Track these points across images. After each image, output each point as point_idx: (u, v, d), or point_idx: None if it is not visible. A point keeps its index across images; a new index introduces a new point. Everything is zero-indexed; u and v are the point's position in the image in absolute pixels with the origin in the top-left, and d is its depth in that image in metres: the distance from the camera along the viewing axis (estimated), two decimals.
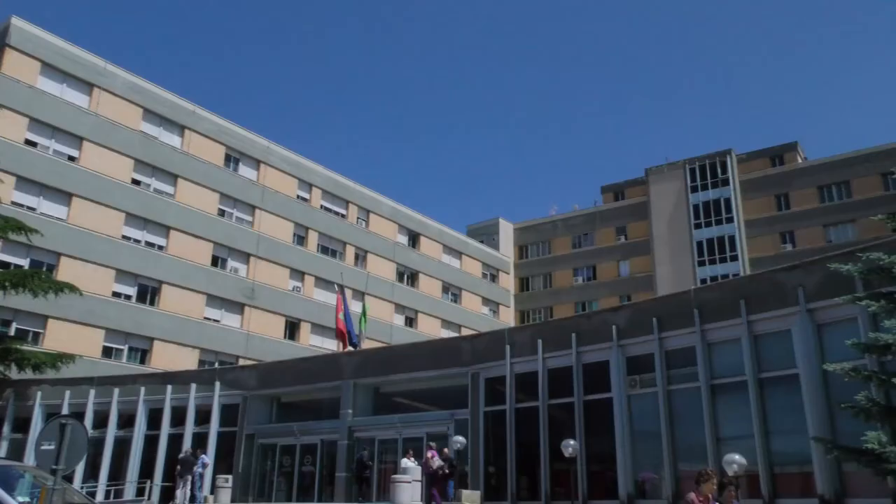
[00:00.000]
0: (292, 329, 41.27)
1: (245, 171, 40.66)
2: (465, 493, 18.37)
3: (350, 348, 29.97)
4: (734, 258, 50.95)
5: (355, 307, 36.95)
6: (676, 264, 52.87)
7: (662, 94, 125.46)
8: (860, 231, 45.05)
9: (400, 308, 48.15)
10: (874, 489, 13.48)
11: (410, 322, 48.77)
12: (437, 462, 17.91)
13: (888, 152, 45.79)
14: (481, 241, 59.48)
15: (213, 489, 23.56)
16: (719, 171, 53.65)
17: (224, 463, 25.28)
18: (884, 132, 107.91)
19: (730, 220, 52.11)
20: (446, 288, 52.81)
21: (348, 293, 37.02)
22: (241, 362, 35.99)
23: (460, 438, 19.94)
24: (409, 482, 18.69)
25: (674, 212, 54.62)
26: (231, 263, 38.86)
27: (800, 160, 53.43)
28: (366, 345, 31.74)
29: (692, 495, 7.48)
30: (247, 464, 25.36)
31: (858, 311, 13.87)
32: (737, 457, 14.25)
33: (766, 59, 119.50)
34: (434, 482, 17.82)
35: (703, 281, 49.15)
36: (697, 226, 53.30)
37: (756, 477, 15.38)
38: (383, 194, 49.24)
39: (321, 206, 44.58)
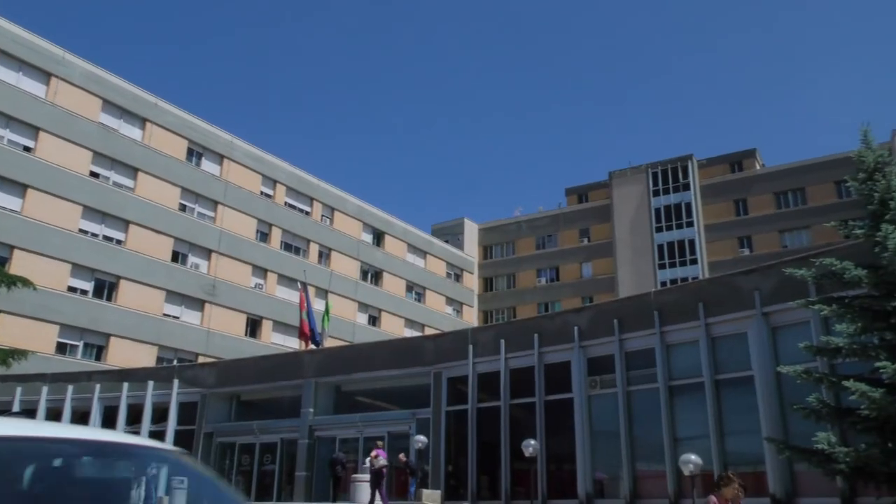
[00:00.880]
0: (254, 326, 40.78)
1: (208, 165, 40.03)
2: (426, 492, 18.39)
3: (312, 346, 29.75)
4: (694, 261, 51.91)
5: (318, 305, 36.70)
6: (638, 266, 53.65)
7: (626, 98, 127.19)
8: (814, 237, 46.29)
9: (363, 307, 47.93)
10: (823, 489, 13.87)
11: (374, 321, 48.60)
12: (381, 461, 17.94)
13: (842, 161, 47.09)
14: (446, 241, 59.54)
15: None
16: (680, 175, 54.60)
17: None
18: (838, 141, 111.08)
19: (690, 224, 53.08)
20: (410, 287, 52.75)
21: (311, 291, 36.69)
22: (201, 360, 35.45)
23: (422, 438, 19.97)
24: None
25: (636, 215, 55.41)
26: (192, 259, 38.23)
27: (758, 167, 54.68)
28: (328, 343, 31.51)
29: (713, 498, 7.17)
30: (205, 463, 24.95)
31: (811, 314, 14.24)
32: (693, 457, 14.53)
33: (727, 68, 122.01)
34: (378, 481, 17.86)
35: (664, 283, 49.97)
36: (659, 229, 54.15)
37: (711, 476, 15.66)
38: (348, 192, 49.00)
39: (285, 203, 44.12)
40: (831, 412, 12.12)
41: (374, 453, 18.32)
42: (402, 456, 19.89)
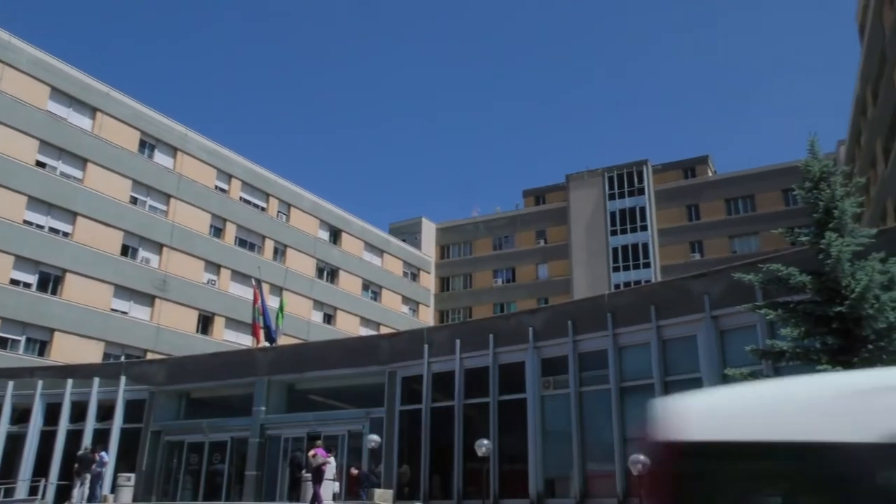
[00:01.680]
0: (205, 323, 40.01)
1: (160, 158, 39.11)
2: (378, 492, 18.31)
3: (266, 344, 29.36)
4: (647, 265, 52.85)
5: (273, 302, 36.21)
6: (592, 269, 54.37)
7: (585, 102, 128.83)
8: (762, 243, 47.59)
9: (318, 304, 47.48)
10: None
11: (329, 319, 48.19)
12: (319, 459, 17.85)
13: (790, 170, 48.46)
14: (403, 240, 59.39)
15: (114, 488, 22.60)
16: (636, 180, 55.54)
17: (127, 461, 24.27)
18: (786, 151, 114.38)
19: (644, 228, 54.02)
20: (366, 285, 52.46)
21: (266, 288, 36.21)
22: (150, 356, 34.64)
23: (375, 437, 19.87)
24: (329, 479, 18.49)
25: (592, 218, 56.15)
26: (142, 253, 37.31)
27: (710, 173, 55.96)
28: (282, 341, 31.10)
29: None
30: (151, 462, 24.43)
31: (758, 318, 14.60)
32: (642, 457, 14.76)
33: (683, 77, 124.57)
34: (315, 480, 17.77)
35: (617, 286, 50.75)
36: (614, 232, 54.98)
37: None
38: (305, 188, 48.47)
39: (240, 198, 43.41)
40: None
41: (312, 452, 18.17)
42: (353, 470, 19.77)
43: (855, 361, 11.39)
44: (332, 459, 20.03)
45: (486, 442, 17.59)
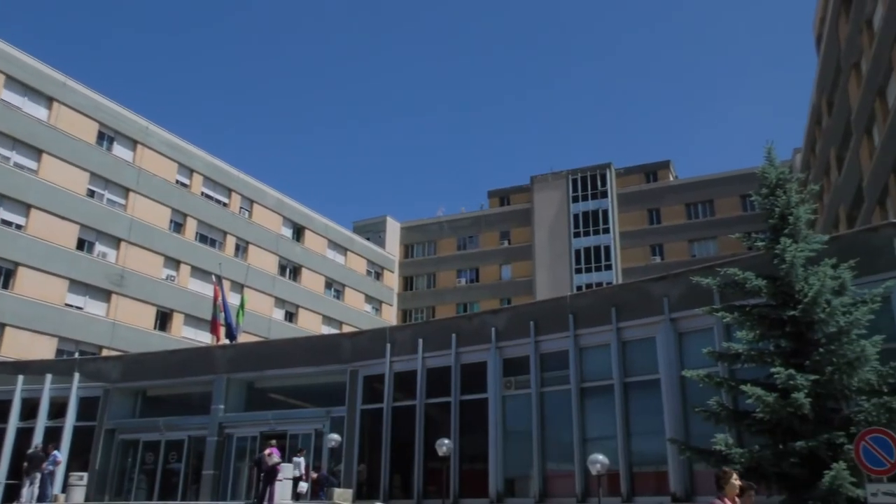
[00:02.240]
0: (164, 319, 39.28)
1: (120, 150, 38.24)
2: (337, 491, 18.19)
3: (226, 341, 28.97)
4: (608, 267, 53.51)
5: (234, 300, 35.72)
6: (555, 270, 54.84)
7: (551, 105, 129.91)
8: (720, 247, 48.58)
9: (280, 302, 46.99)
10: None
11: (291, 317, 47.73)
12: (274, 459, 17.72)
13: (747, 176, 49.58)
14: (367, 239, 59.12)
15: (65, 487, 22.06)
16: (599, 183, 56.18)
17: (79, 459, 23.72)
18: (745, 157, 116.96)
19: (606, 230, 54.69)
20: (329, 284, 52.09)
21: (226, 285, 35.63)
22: (105, 353, 33.87)
23: (335, 436, 19.75)
24: (280, 480, 18.33)
25: (555, 220, 56.63)
26: (99, 248, 36.45)
27: (671, 178, 56.90)
28: (242, 339, 30.70)
29: (718, 503, 6.58)
30: (105, 460, 23.90)
31: (715, 321, 14.88)
32: (600, 457, 14.96)
33: (648, 83, 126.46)
34: (269, 480, 17.64)
35: (579, 288, 51.30)
36: (577, 234, 55.54)
37: (616, 476, 16.20)
38: (269, 185, 47.93)
39: (202, 193, 42.70)
40: (729, 415, 12.70)
41: (267, 451, 18.01)
42: (313, 474, 19.63)
43: (806, 364, 11.69)
44: (301, 459, 19.85)
45: (447, 441, 17.60)
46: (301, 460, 19.81)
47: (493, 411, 18.40)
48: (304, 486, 19.23)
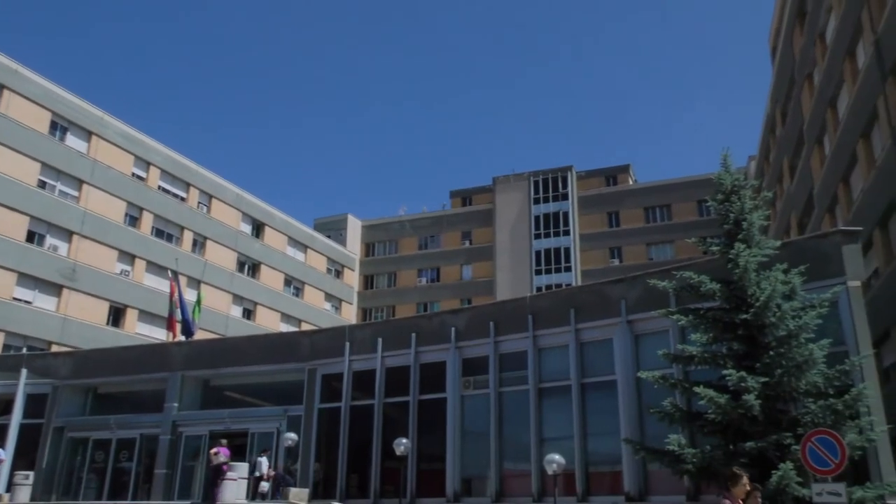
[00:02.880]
0: (117, 315, 38.36)
1: (73, 141, 37.21)
2: (293, 491, 18.00)
3: (181, 338, 28.45)
4: (568, 269, 54.06)
5: (190, 296, 35.09)
6: (516, 271, 55.20)
7: (514, 107, 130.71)
8: (677, 251, 49.50)
9: (238, 299, 46.31)
10: (672, 487, 14.80)
11: (249, 314, 47.08)
12: (220, 458, 17.50)
13: (704, 182, 50.55)
14: (328, 236, 58.66)
15: (10, 487, 21.41)
16: (560, 185, 56.73)
17: (26, 458, 23.06)
18: (702, 164, 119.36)
19: (566, 232, 55.24)
20: (289, 281, 51.54)
21: (183, 280, 34.98)
22: (55, 349, 32.94)
23: (292, 435, 19.55)
24: (235, 479, 18.08)
25: (517, 221, 56.98)
26: (50, 240, 35.42)
27: (631, 182, 57.76)
28: (198, 336, 30.16)
29: (725, 502, 6.65)
30: (52, 459, 23.27)
31: (670, 324, 15.15)
32: (556, 457, 15.10)
33: (611, 88, 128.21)
34: (214, 479, 17.42)
35: (539, 289, 51.73)
36: (537, 236, 55.99)
37: (572, 476, 16.37)
38: (228, 180, 47.17)
39: (159, 187, 41.81)
40: (683, 416, 12.95)
41: (214, 450, 17.75)
42: (270, 471, 19.40)
43: (757, 367, 11.99)
44: (263, 458, 19.54)
45: (404, 441, 17.58)
46: (264, 460, 19.54)
47: (452, 411, 18.44)
48: (265, 486, 19.00)
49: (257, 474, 19.27)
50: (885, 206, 20.89)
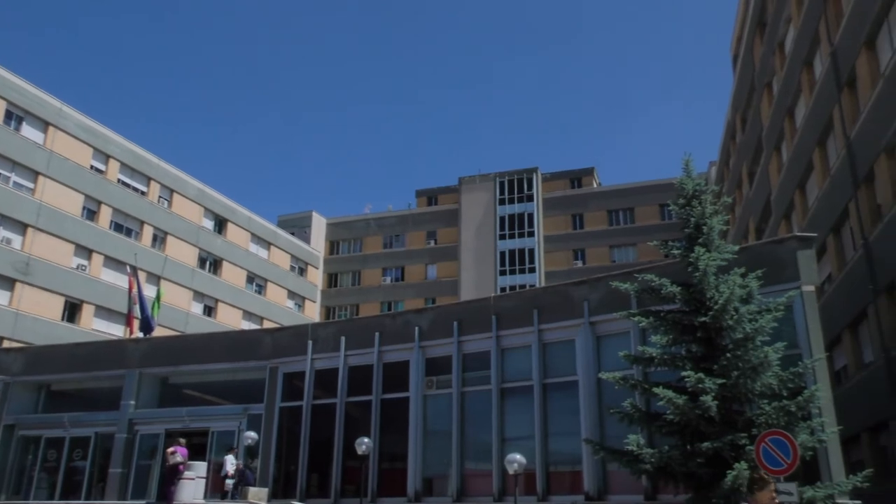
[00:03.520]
0: (72, 310, 37.43)
1: (29, 131, 36.17)
2: (252, 490, 17.78)
3: (139, 335, 27.91)
4: (532, 270, 54.44)
5: (150, 292, 34.39)
6: (480, 271, 55.38)
7: (480, 108, 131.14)
8: (640, 254, 50.22)
9: (199, 296, 45.56)
10: (631, 487, 15.02)
11: (209, 311, 46.37)
12: (177, 458, 17.25)
13: (666, 186, 51.43)
14: (292, 233, 58.10)
15: None
16: (525, 187, 57.10)
17: None
18: (665, 168, 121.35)
19: (531, 233, 55.62)
20: (251, 278, 50.89)
21: (142, 276, 34.29)
22: (7, 344, 31.99)
23: (252, 434, 19.31)
24: (194, 479, 17.78)
25: (482, 221, 57.18)
26: (3, 233, 34.37)
27: (595, 185, 58.41)
28: (157, 333, 29.60)
29: None
30: (2, 458, 22.66)
31: (631, 325, 15.35)
32: (518, 456, 15.18)
33: (576, 92, 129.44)
34: (170, 479, 17.17)
35: (503, 289, 52.00)
36: (502, 237, 56.26)
37: (533, 475, 16.48)
38: (190, 174, 46.35)
39: (118, 180, 40.89)
40: (642, 416, 13.14)
41: (171, 449, 17.46)
42: (239, 464, 19.12)
43: (715, 368, 12.22)
44: (230, 457, 19.20)
45: (366, 440, 17.50)
46: (230, 458, 19.23)
47: (414, 410, 18.42)
48: (229, 484, 18.73)
49: (223, 473, 18.97)
50: (839, 213, 21.50)
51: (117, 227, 40.48)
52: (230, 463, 18.96)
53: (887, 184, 17.81)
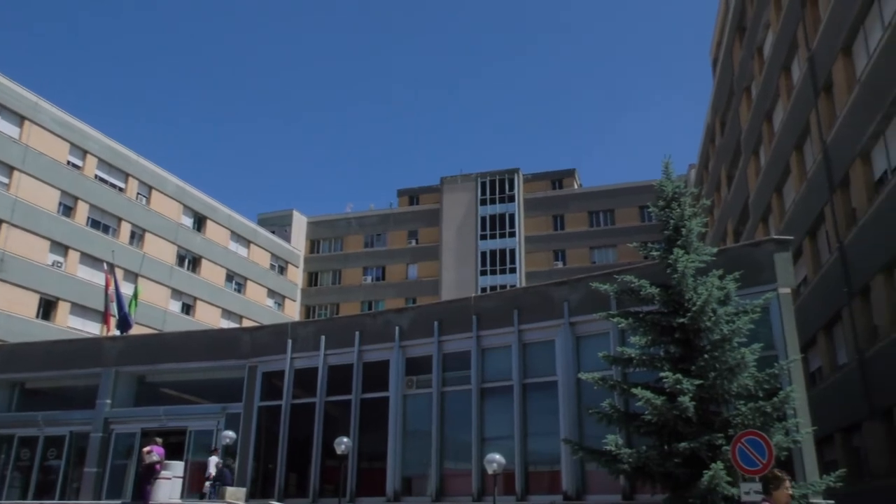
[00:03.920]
0: (48, 308, 36.90)
1: (4, 126, 35.57)
2: (230, 490, 17.63)
3: (116, 332, 27.61)
4: (513, 270, 54.60)
5: (127, 289, 33.99)
6: (461, 272, 55.43)
7: (463, 108, 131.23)
8: (619, 255, 50.57)
9: (177, 294, 45.13)
10: (609, 486, 15.10)
11: (188, 309, 45.93)
12: (153, 457, 17.10)
13: (646, 188, 51.80)
14: (272, 232, 57.74)
15: None
16: (507, 187, 57.25)
17: None
18: (645, 170, 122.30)
19: (512, 234, 55.78)
20: (230, 276, 50.50)
21: (119, 273, 33.88)
22: None
23: (230, 433, 19.17)
24: (170, 478, 17.60)
25: (463, 221, 57.23)
26: None
27: (576, 186, 58.71)
28: (134, 330, 29.27)
29: None
30: None
31: (611, 326, 15.44)
32: (497, 456, 15.21)
33: (559, 94, 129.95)
34: (146, 478, 17.01)
35: (484, 289, 52.09)
36: (483, 237, 56.35)
37: (512, 475, 16.52)
38: (169, 171, 45.87)
39: (95, 176, 40.38)
40: (621, 416, 13.22)
41: (147, 449, 17.29)
42: (211, 469, 18.95)
43: (692, 369, 12.33)
44: (213, 458, 19.00)
45: (345, 440, 17.44)
46: (213, 459, 19.02)
47: (394, 410, 18.39)
48: (208, 486, 18.54)
49: (207, 474, 18.77)
50: (815, 216, 21.81)
51: (94, 224, 39.98)
52: (213, 464, 18.78)
53: (862, 188, 18.11)
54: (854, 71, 18.58)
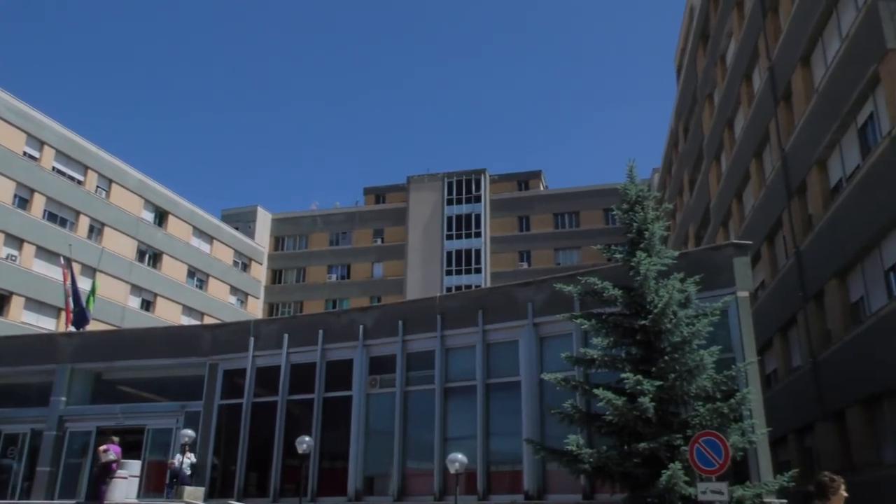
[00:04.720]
0: (1, 302, 35.86)
1: None
2: (188, 489, 17.37)
3: (72, 328, 26.97)
4: (478, 270, 54.79)
5: (84, 284, 33.23)
6: (427, 271, 55.42)
7: (430, 108, 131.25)
8: (583, 257, 51.09)
9: (137, 289, 44.25)
10: (569, 486, 15.25)
11: (147, 306, 45.09)
12: (110, 456, 16.80)
13: (610, 191, 52.18)
14: (236, 228, 56.99)
15: None
16: (473, 188, 57.42)
17: None
18: (610, 173, 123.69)
19: (478, 234, 55.97)
20: (192, 273, 49.70)
21: (76, 268, 33.08)
22: None
23: (189, 432, 18.85)
24: (126, 478, 17.28)
25: (429, 221, 57.23)
26: None
27: (542, 188, 59.15)
28: (92, 326, 28.61)
29: None
30: None
31: (574, 327, 15.57)
32: (459, 456, 15.24)
33: (525, 94, 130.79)
34: (102, 477, 16.71)
35: (449, 289, 52.17)
36: (449, 237, 56.43)
37: (474, 475, 16.57)
38: (130, 164, 44.93)
39: (53, 168, 39.38)
40: (582, 417, 13.35)
41: (103, 447, 16.96)
42: (173, 462, 18.61)
43: (653, 371, 12.52)
44: (183, 458, 18.55)
45: (307, 439, 17.30)
46: (182, 456, 18.59)
47: (357, 409, 18.31)
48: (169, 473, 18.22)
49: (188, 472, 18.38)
50: (773, 222, 22.33)
51: (51, 217, 38.98)
52: (185, 463, 18.34)
53: (818, 195, 18.59)
54: (812, 81, 19.06)
